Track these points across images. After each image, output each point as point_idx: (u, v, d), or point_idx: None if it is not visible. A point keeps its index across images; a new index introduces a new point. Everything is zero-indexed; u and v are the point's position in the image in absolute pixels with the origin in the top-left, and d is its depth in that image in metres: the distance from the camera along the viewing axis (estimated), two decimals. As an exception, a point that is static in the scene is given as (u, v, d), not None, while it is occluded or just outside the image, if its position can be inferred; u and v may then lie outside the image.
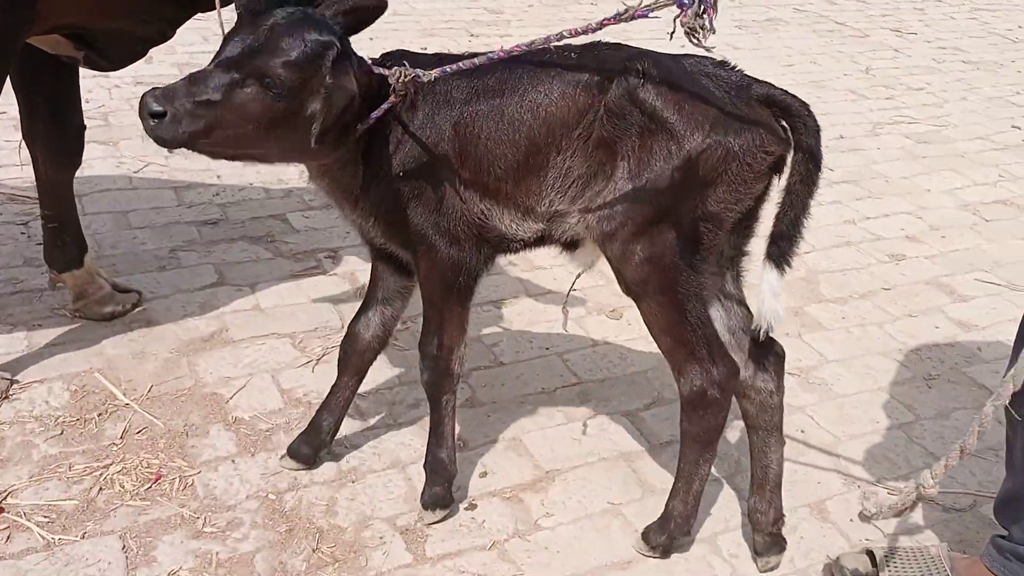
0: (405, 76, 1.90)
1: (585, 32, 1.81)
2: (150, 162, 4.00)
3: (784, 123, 2.03)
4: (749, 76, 2.08)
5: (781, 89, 2.06)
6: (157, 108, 1.79)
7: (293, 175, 4.02)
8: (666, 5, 1.63)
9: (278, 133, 1.89)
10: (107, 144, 4.12)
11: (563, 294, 3.39)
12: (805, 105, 2.03)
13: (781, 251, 1.99)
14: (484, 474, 2.55)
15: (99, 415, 2.60)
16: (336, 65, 1.88)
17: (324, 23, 1.89)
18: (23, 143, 2.77)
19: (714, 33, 1.61)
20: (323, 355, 2.93)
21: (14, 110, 2.84)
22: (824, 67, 6.33)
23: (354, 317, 2.45)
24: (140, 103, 1.81)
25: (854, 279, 3.75)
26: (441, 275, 2.18)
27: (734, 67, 2.09)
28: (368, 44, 2.11)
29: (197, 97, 1.80)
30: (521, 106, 2.04)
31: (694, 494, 2.30)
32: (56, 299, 3.05)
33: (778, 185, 2.08)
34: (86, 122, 2.84)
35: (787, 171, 2.04)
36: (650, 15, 1.66)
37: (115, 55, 2.60)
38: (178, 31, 2.68)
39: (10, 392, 2.63)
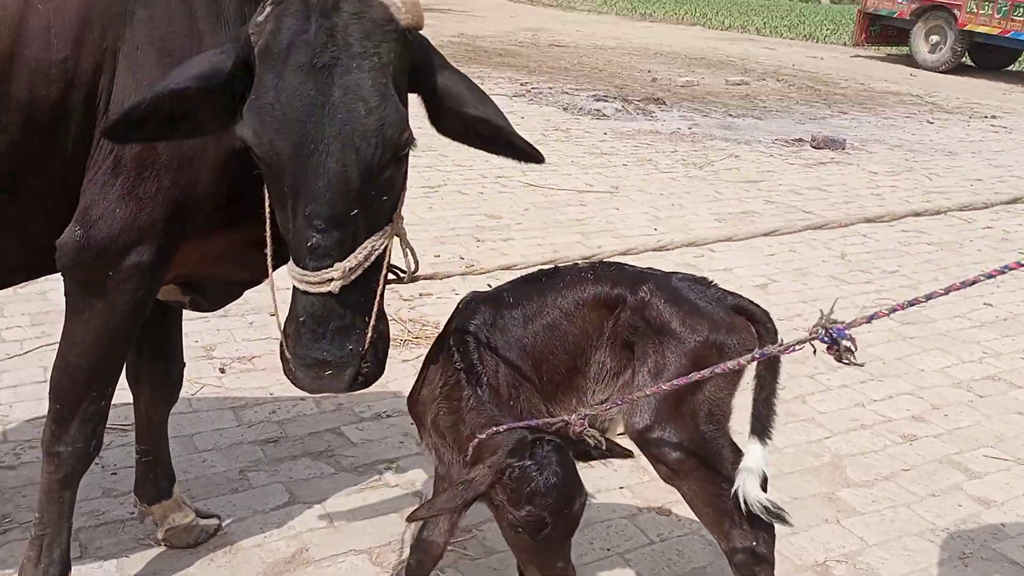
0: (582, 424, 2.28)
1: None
2: (205, 384, 4.23)
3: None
4: (723, 289, 2.58)
5: (748, 299, 2.59)
6: None
7: (340, 389, 4.25)
8: (811, 339, 2.10)
9: None
10: (161, 368, 4.33)
11: (606, 495, 3.61)
12: (766, 312, 2.54)
13: (762, 426, 2.42)
14: None
15: (204, 644, 2.71)
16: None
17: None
18: None
19: (854, 358, 2.01)
20: (400, 569, 3.07)
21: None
22: (803, 255, 6.85)
23: (423, 525, 2.66)
24: None
25: (875, 461, 4.01)
26: None
27: (712, 283, 2.60)
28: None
29: None
30: (564, 319, 2.52)
31: None
32: (139, 529, 3.19)
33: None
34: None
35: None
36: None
37: (216, 297, 2.89)
38: None
39: (114, 627, 2.74)
